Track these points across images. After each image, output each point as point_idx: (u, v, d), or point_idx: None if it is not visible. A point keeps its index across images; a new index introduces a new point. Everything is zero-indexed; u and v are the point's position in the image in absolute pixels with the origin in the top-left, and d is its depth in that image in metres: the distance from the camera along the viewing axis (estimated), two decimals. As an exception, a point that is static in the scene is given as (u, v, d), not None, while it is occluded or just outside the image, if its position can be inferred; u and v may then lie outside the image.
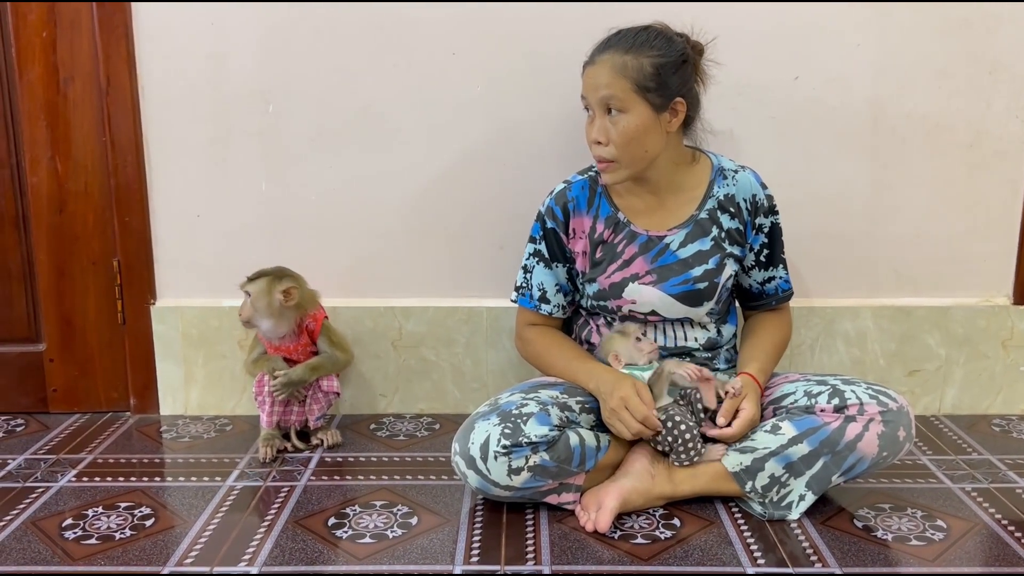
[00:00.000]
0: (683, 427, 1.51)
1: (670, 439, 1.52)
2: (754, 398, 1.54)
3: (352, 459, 1.78)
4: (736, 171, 1.64)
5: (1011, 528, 1.49)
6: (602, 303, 1.63)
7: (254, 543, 1.44)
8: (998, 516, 1.53)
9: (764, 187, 1.65)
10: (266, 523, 1.51)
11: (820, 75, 1.86)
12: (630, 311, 1.61)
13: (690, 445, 1.51)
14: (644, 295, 1.59)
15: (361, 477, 1.70)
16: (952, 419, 1.98)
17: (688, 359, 1.64)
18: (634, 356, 1.59)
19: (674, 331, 1.64)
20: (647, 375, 1.55)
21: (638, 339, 1.60)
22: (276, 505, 1.58)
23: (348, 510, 1.56)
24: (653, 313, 1.61)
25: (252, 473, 1.72)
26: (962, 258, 1.96)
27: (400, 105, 1.89)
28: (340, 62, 1.87)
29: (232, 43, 1.86)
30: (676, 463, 1.53)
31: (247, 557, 1.40)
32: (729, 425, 1.52)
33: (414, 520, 1.52)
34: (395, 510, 1.56)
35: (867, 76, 1.87)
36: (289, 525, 1.51)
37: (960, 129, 1.90)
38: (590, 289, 1.64)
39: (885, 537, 1.46)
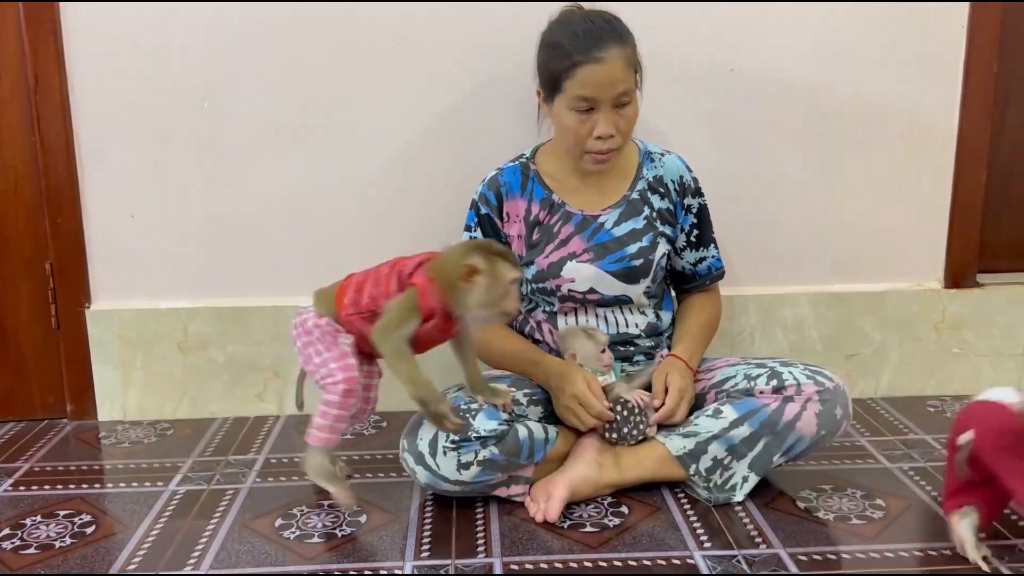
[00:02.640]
0: (630, 406, 1.54)
1: (616, 425, 1.54)
2: (679, 373, 1.57)
3: (299, 459, 1.76)
4: (662, 154, 1.70)
5: (946, 504, 1.54)
6: (541, 285, 1.64)
7: (199, 547, 1.42)
8: (935, 494, 1.58)
9: (689, 169, 1.70)
10: (211, 527, 1.49)
11: (757, 67, 1.90)
12: (569, 290, 1.63)
13: (639, 420, 1.54)
14: (582, 272, 1.61)
15: (308, 477, 1.67)
16: (889, 401, 2.03)
17: (632, 348, 1.67)
18: (592, 363, 1.59)
19: (615, 318, 1.66)
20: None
21: (603, 351, 1.60)
22: (221, 508, 1.55)
23: (295, 511, 1.54)
24: (592, 291, 1.63)
25: (195, 477, 1.68)
26: (895, 244, 2.01)
27: (346, 102, 1.87)
28: (285, 59, 1.84)
29: (170, 41, 1.82)
30: (628, 443, 1.56)
31: (192, 561, 1.38)
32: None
33: (363, 518, 1.51)
34: (344, 509, 1.54)
35: (803, 67, 1.91)
36: (235, 528, 1.48)
37: (893, 120, 1.95)
38: (528, 272, 1.65)
39: (827, 517, 1.50)
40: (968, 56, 1.92)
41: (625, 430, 1.55)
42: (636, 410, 1.54)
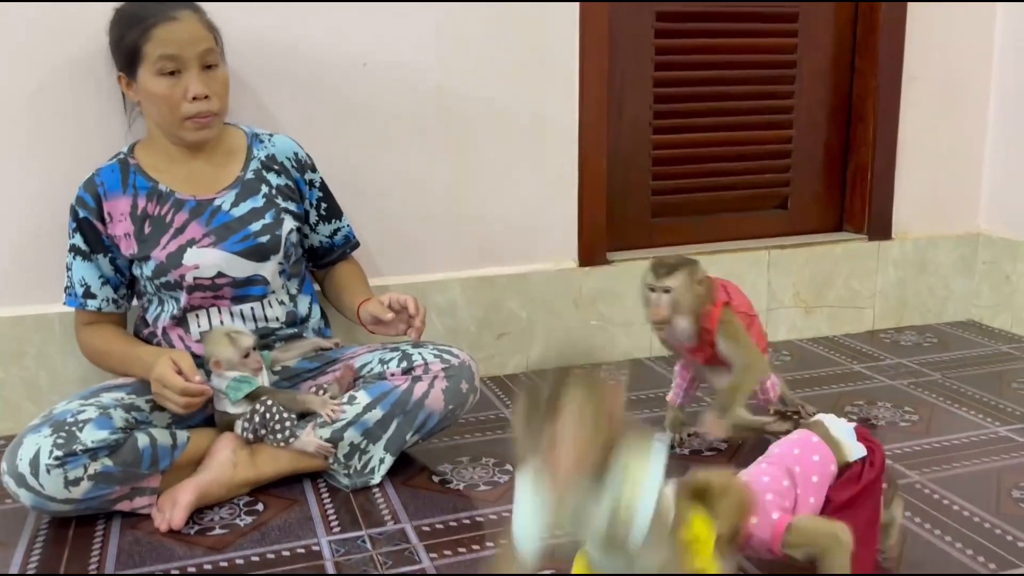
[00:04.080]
0: (273, 410, 1.53)
1: (257, 422, 1.52)
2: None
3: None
4: (271, 135, 1.73)
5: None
6: (163, 279, 1.59)
7: None
8: (559, 453, 1.72)
9: (301, 147, 1.74)
10: None
11: (387, 65, 1.95)
12: (195, 278, 1.58)
13: (287, 424, 1.53)
14: (206, 257, 1.58)
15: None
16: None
17: (272, 338, 1.66)
18: (237, 368, 1.54)
19: (253, 312, 1.64)
20: (255, 383, 1.54)
21: (247, 355, 1.55)
22: None
23: None
24: (219, 275, 1.59)
25: None
26: (534, 229, 2.16)
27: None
28: None
29: None
30: (272, 444, 1.54)
31: None
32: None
33: (-42, 553, 1.38)
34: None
35: (433, 66, 1.99)
36: None
37: (522, 113, 2.09)
38: (147, 268, 1.59)
39: (458, 487, 1.59)
40: (581, 56, 2.10)
41: (263, 432, 1.54)
42: (276, 411, 1.53)
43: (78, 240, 1.59)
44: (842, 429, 1.25)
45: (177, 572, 1.32)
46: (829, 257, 2.42)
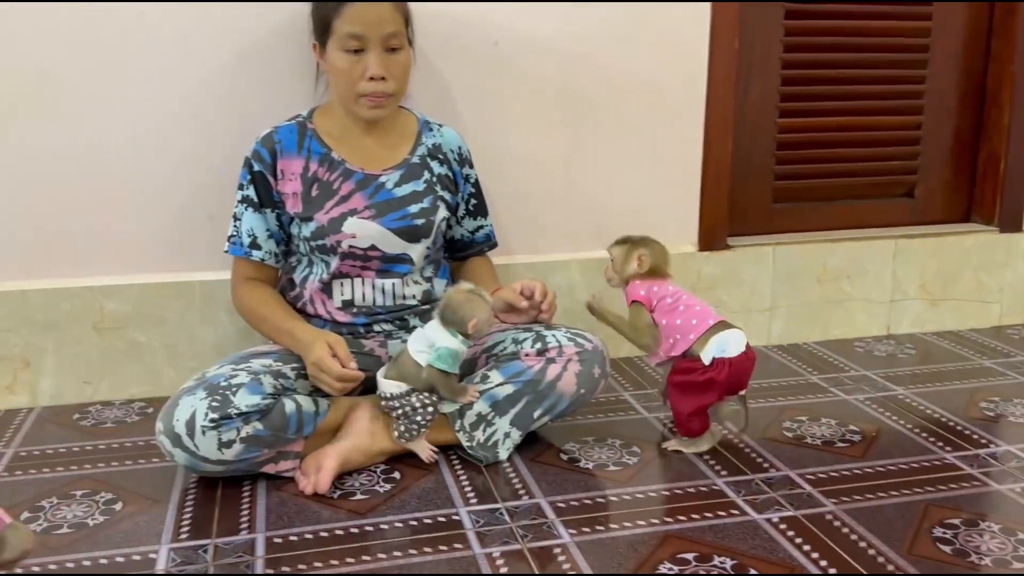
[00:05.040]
0: (416, 406, 1.54)
1: (395, 407, 1.54)
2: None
3: (51, 451, 1.65)
4: (440, 125, 1.77)
5: (693, 446, 1.67)
6: (320, 242, 1.63)
7: (-73, 552, 1.30)
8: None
9: (464, 142, 1.78)
10: (-56, 530, 1.36)
11: (515, 40, 1.95)
12: (350, 247, 1.63)
13: (412, 426, 1.55)
14: (364, 229, 1.63)
15: (60, 468, 1.58)
16: (654, 358, 2.17)
17: (408, 314, 1.70)
18: (485, 329, 1.56)
19: (393, 288, 1.67)
20: (454, 367, 1.54)
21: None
22: (-43, 509, 1.43)
23: (44, 503, 1.45)
24: (373, 248, 1.64)
25: (-71, 479, 1.54)
26: (652, 210, 2.14)
27: (85, 72, 1.75)
28: (7, 25, 1.70)
29: None
30: (394, 430, 1.56)
31: (-83, 568, 1.26)
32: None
33: (118, 506, 1.44)
34: (97, 498, 1.47)
35: (557, 41, 1.98)
36: (-28, 528, 1.37)
37: (643, 90, 2.07)
38: (307, 229, 1.64)
39: (587, 466, 1.59)
40: (712, 33, 2.07)
41: (393, 415, 1.55)
42: (415, 410, 1.54)
43: (251, 192, 1.65)
44: (720, 345, 1.59)
45: (326, 534, 1.35)
46: (958, 249, 2.33)
